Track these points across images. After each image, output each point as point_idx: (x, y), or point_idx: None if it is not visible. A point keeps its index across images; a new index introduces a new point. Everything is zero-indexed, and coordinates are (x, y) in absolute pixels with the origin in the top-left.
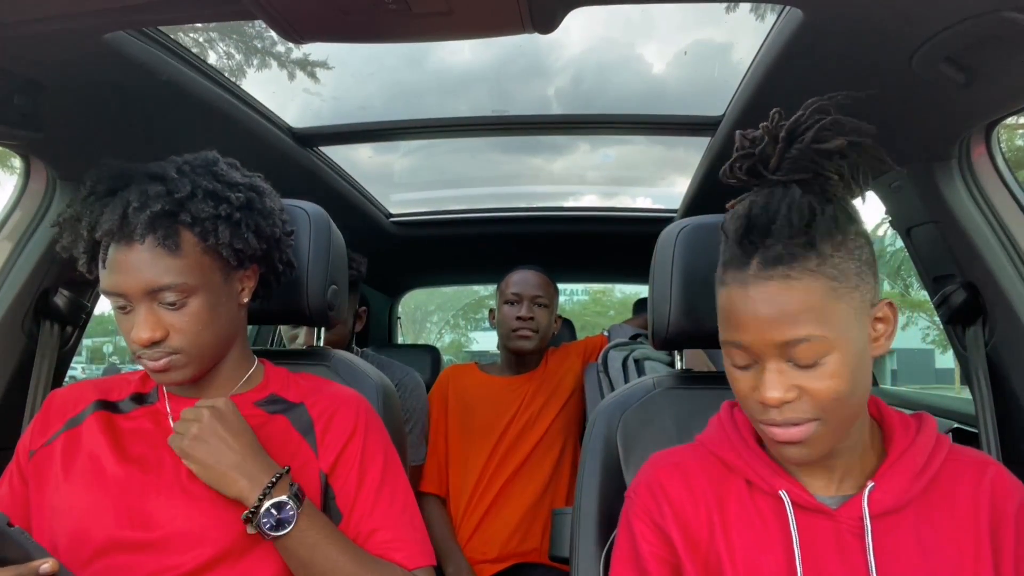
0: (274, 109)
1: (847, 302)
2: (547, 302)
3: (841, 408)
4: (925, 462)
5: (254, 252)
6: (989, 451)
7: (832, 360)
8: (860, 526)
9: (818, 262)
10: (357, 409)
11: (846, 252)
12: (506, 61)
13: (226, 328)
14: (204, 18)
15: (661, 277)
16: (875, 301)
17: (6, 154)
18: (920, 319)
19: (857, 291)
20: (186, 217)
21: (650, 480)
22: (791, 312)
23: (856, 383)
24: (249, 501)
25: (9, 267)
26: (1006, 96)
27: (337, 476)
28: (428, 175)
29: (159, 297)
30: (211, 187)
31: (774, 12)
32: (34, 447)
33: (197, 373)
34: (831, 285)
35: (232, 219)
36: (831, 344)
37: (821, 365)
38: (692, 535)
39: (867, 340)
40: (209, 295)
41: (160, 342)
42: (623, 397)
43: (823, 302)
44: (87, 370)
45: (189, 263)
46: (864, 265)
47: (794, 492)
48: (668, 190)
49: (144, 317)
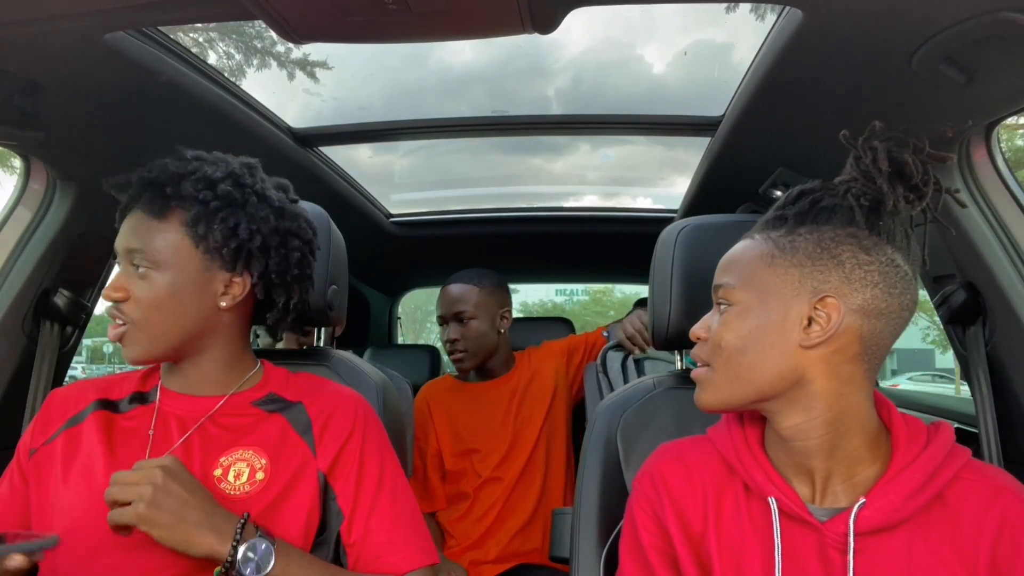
0: (274, 109)
1: (779, 273)
2: (473, 313)
3: (725, 361)
4: (926, 480)
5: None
6: (989, 451)
7: (732, 312)
8: (845, 542)
9: (784, 233)
10: (355, 409)
11: (813, 234)
12: (506, 61)
13: (190, 321)
14: (204, 18)
15: (661, 277)
16: (820, 292)
17: (6, 154)
18: (920, 319)
19: (797, 269)
20: (175, 192)
21: (653, 470)
22: (731, 259)
23: (750, 347)
24: (221, 554)
25: (9, 267)
26: (1006, 96)
27: (337, 476)
28: (428, 175)
29: (132, 259)
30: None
31: (774, 12)
32: (35, 446)
33: (151, 356)
34: (772, 252)
35: (227, 219)
36: (737, 296)
37: (726, 314)
38: (688, 527)
39: (792, 320)
40: (176, 277)
41: (119, 304)
42: (623, 397)
43: (755, 261)
44: (87, 370)
45: (168, 238)
46: (825, 253)
47: (783, 500)
48: (668, 190)
49: (117, 275)
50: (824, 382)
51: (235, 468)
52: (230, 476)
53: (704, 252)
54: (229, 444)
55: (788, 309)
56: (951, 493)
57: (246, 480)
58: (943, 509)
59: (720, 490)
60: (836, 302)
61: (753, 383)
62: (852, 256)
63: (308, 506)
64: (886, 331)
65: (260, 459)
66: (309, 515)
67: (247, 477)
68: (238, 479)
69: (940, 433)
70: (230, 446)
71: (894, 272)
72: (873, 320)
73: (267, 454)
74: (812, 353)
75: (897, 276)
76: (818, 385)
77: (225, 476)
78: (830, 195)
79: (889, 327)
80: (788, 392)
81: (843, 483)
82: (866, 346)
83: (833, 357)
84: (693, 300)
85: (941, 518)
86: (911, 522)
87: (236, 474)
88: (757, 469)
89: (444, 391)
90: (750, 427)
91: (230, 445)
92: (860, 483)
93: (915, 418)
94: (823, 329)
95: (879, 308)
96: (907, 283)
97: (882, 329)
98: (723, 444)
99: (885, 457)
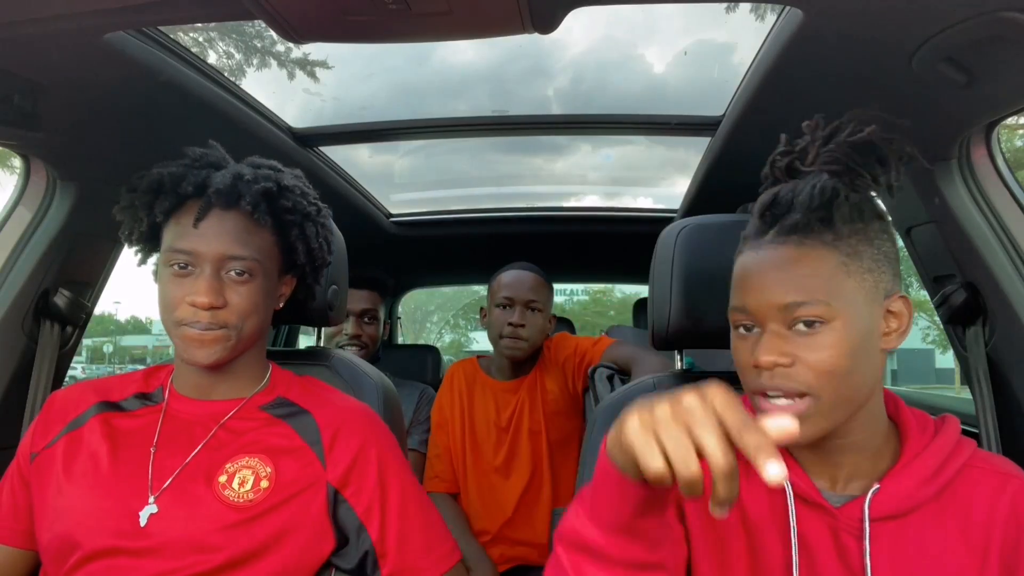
0: (274, 109)
1: (857, 280)
2: (542, 306)
3: (836, 386)
4: (938, 467)
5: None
6: (989, 451)
7: (831, 331)
8: (860, 528)
9: (833, 238)
10: (365, 421)
11: (864, 237)
12: (507, 61)
13: (262, 323)
14: (204, 18)
15: (661, 277)
16: (890, 292)
17: (6, 154)
18: (920, 319)
19: (870, 274)
20: (286, 203)
21: None
22: (799, 275)
23: (855, 364)
24: None
25: (9, 267)
26: (1006, 96)
27: (352, 489)
28: (428, 175)
29: (228, 265)
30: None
31: (774, 12)
32: (35, 450)
33: (231, 355)
34: (842, 260)
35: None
36: (832, 313)
37: (819, 334)
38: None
39: (876, 327)
40: (266, 283)
41: (216, 311)
42: (623, 397)
43: (831, 272)
44: (87, 370)
45: (265, 245)
46: (882, 255)
47: (798, 484)
48: (669, 190)
49: (209, 282)
50: (880, 384)
51: (240, 475)
52: (234, 483)
53: (704, 252)
54: (236, 451)
55: (872, 315)
56: (961, 481)
57: (250, 488)
58: (953, 497)
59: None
60: (906, 297)
61: (856, 402)
62: (892, 249)
63: (316, 518)
64: None
65: (266, 467)
66: (318, 527)
67: (251, 485)
68: (242, 486)
69: (948, 424)
70: (237, 453)
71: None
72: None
73: (273, 463)
74: (884, 356)
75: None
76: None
77: (229, 483)
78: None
79: None
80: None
81: (856, 473)
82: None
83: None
84: (693, 300)
85: (952, 506)
86: (923, 510)
87: (241, 481)
88: None
89: (469, 376)
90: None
91: (237, 452)
92: (873, 473)
93: (922, 412)
94: (902, 328)
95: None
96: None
97: None
98: None
99: (895, 449)
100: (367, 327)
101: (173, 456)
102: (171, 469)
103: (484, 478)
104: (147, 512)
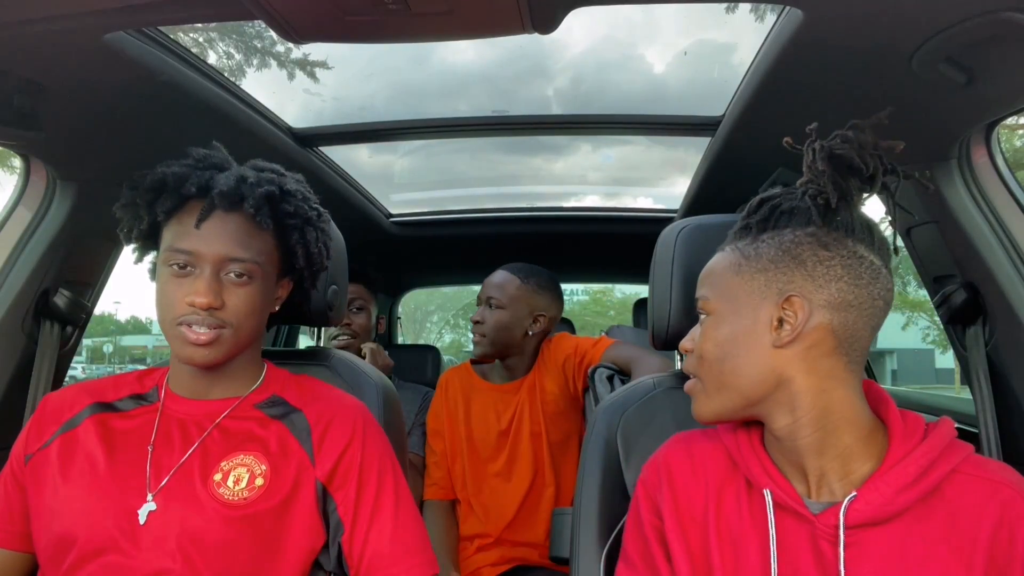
0: (274, 109)
1: (745, 279)
2: (501, 303)
3: (708, 370)
4: (920, 473)
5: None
6: (989, 451)
7: (709, 321)
8: (836, 534)
9: (749, 241)
10: (355, 416)
11: (775, 238)
12: (507, 61)
13: (259, 325)
14: (204, 18)
15: (661, 277)
16: (785, 292)
17: (6, 154)
18: (920, 319)
19: (762, 274)
20: (288, 207)
21: (660, 458)
22: (706, 272)
23: (727, 353)
24: None
25: (9, 267)
26: (1006, 96)
27: (337, 486)
28: (428, 175)
29: (228, 267)
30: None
31: (774, 12)
32: (30, 451)
33: (227, 356)
34: (738, 260)
35: (316, 228)
36: (711, 307)
37: (705, 324)
38: (683, 517)
39: (760, 323)
40: (264, 285)
41: (214, 311)
42: (623, 397)
43: (723, 270)
44: (87, 370)
45: (265, 248)
46: (786, 255)
47: (777, 492)
48: (669, 190)
49: (208, 283)
50: (804, 379)
51: (235, 473)
52: (229, 481)
53: (704, 252)
54: (231, 449)
55: (758, 313)
56: (949, 488)
57: (245, 486)
58: (941, 503)
59: (722, 483)
60: (800, 300)
61: (737, 389)
62: (812, 254)
63: (308, 515)
64: (860, 322)
65: (261, 465)
66: (310, 524)
67: (246, 483)
68: (237, 484)
69: (938, 428)
70: (232, 451)
71: (858, 264)
72: (843, 313)
73: (268, 461)
74: (787, 352)
75: (862, 267)
76: (799, 383)
77: (224, 481)
78: (788, 199)
79: (863, 318)
80: (773, 394)
81: (839, 480)
82: (841, 339)
83: (809, 354)
84: (693, 300)
85: (938, 512)
86: (906, 516)
87: (236, 479)
88: (756, 463)
89: (464, 382)
90: (754, 425)
91: (232, 450)
92: (856, 479)
93: (915, 414)
94: (792, 328)
95: (847, 300)
96: (874, 272)
97: (855, 321)
98: (728, 439)
99: (881, 453)
100: (355, 316)
101: (170, 455)
102: (168, 467)
103: (485, 483)
104: (146, 510)
